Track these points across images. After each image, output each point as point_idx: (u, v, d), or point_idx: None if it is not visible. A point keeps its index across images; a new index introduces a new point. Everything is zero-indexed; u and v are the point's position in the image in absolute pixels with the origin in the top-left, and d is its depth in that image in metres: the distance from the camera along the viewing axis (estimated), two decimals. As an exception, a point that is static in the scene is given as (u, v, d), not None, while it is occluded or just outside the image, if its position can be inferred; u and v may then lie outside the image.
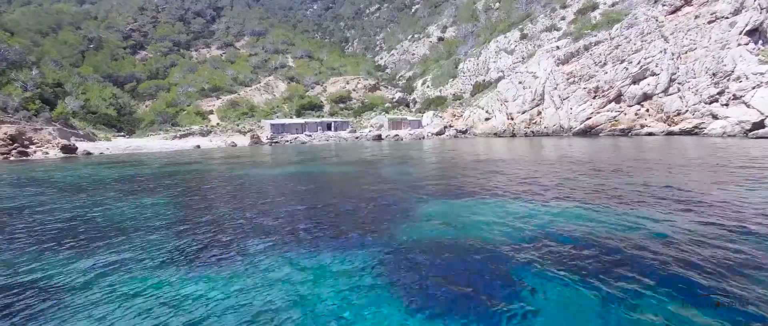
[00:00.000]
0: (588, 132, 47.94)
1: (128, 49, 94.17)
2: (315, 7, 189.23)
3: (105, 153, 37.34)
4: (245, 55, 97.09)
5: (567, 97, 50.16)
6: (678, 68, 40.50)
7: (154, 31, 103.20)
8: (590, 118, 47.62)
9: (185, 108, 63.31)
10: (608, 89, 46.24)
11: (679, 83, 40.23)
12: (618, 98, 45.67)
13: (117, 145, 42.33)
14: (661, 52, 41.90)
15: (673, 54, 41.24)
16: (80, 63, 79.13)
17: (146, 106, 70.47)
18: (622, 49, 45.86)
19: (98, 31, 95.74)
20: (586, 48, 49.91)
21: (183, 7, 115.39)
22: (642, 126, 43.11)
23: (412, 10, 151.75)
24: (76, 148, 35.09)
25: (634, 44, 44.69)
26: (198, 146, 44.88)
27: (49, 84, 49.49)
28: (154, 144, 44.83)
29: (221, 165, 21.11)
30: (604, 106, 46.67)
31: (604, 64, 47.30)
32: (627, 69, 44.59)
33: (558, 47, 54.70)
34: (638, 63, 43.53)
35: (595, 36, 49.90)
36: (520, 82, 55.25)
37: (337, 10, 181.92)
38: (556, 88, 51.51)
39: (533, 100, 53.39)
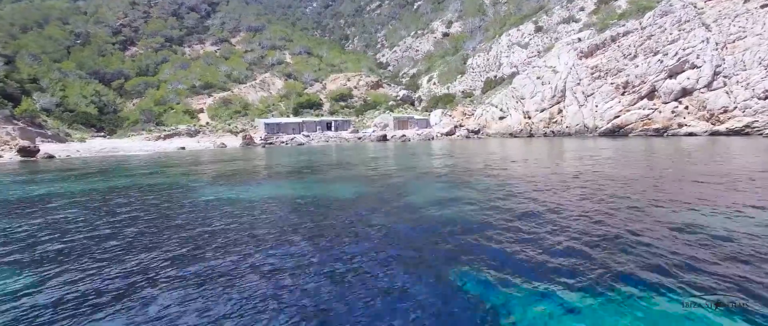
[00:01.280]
0: (616, 132, 43.22)
1: (117, 44, 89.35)
2: (314, 5, 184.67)
3: (73, 156, 32.61)
4: (241, 51, 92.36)
5: (592, 94, 45.46)
6: (724, 59, 35.79)
7: (145, 27, 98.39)
8: (619, 116, 42.92)
9: (173, 106, 58.58)
10: (640, 84, 41.54)
11: (725, 76, 35.53)
12: (651, 94, 40.96)
13: (90, 146, 37.59)
14: (702, 41, 37.19)
15: (717, 44, 36.55)
16: (65, 59, 74.41)
17: (134, 105, 65.70)
18: (655, 40, 41.15)
19: (86, 26, 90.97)
20: (613, 39, 45.22)
21: (176, 1, 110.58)
22: (680, 125, 38.40)
23: (415, 7, 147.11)
24: (37, 150, 30.34)
25: (670, 34, 39.99)
26: (182, 147, 40.18)
27: (19, 79, 44.69)
28: (133, 145, 40.11)
29: (193, 176, 16.36)
30: (635, 103, 41.96)
31: (635, 56, 42.61)
32: (662, 61, 39.88)
33: (580, 39, 50.02)
34: (675, 54, 38.83)
35: (623, 26, 45.24)
36: (538, 78, 50.54)
37: (337, 8, 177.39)
38: (578, 84, 46.82)
39: (553, 96, 48.68)
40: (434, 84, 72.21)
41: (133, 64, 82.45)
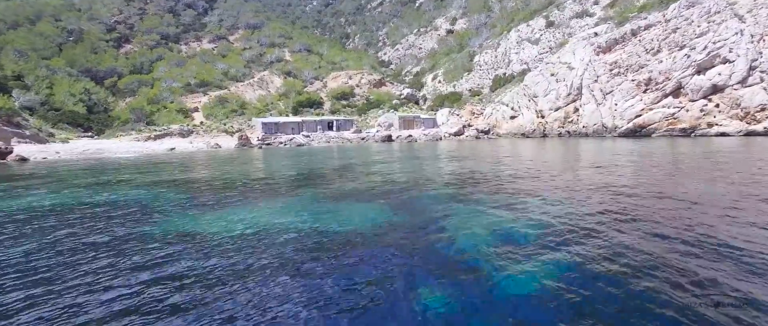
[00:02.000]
0: (637, 132, 40.40)
1: (111, 41, 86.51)
2: (314, 3, 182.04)
3: (51, 158, 29.79)
4: (238, 49, 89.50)
5: (611, 91, 42.62)
6: (761, 53, 32.95)
7: (140, 24, 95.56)
8: (640, 115, 40.08)
9: (167, 105, 55.75)
10: (664, 81, 38.69)
11: (762, 71, 32.67)
12: (677, 91, 38.11)
13: (73, 147, 34.76)
14: (736, 34, 34.34)
15: (752, 36, 33.70)
16: (57, 56, 71.63)
17: (126, 104, 62.85)
18: (681, 33, 38.30)
19: (79, 22, 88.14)
20: (634, 33, 42.38)
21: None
22: (710, 125, 35.54)
23: (417, 4, 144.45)
24: (9, 152, 27.52)
25: (698, 26, 37.14)
26: (172, 149, 37.35)
27: (1, 75, 41.87)
28: (120, 146, 37.29)
29: (166, 189, 13.45)
30: (659, 101, 39.12)
31: (658, 51, 39.77)
32: (689, 56, 37.04)
33: (596, 34, 47.17)
34: (704, 48, 35.98)
35: (645, 18, 42.40)
36: (551, 75, 47.69)
37: (337, 6, 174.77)
38: (596, 81, 43.99)
39: (569, 94, 45.84)
40: (439, 82, 69.37)
41: (127, 62, 79.63)
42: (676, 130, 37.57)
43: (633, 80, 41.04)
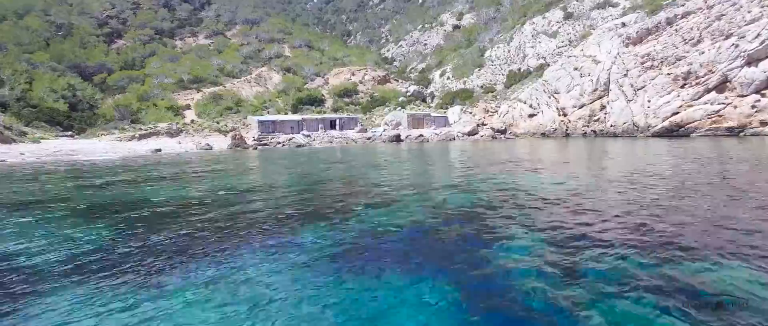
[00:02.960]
0: (673, 131, 36.37)
1: (102, 37, 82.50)
2: (315, 0, 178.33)
3: (11, 161, 25.80)
4: (236, 44, 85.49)
5: (643, 87, 38.58)
6: (826, 41, 28.89)
7: (134, 18, 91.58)
8: (678, 112, 36.03)
9: (157, 102, 51.76)
10: (706, 74, 34.62)
11: (827, 62, 28.62)
12: (721, 86, 34.04)
13: (42, 149, 30.80)
14: (794, 20, 30.29)
15: (814, 22, 29.65)
16: (43, 50, 67.71)
17: (114, 101, 58.83)
18: (727, 20, 34.24)
19: (69, 16, 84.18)
20: (669, 22, 38.32)
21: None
22: (763, 123, 31.48)
23: (420, 0, 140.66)
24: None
25: (748, 12, 33.09)
26: (158, 150, 33.34)
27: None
28: (98, 147, 33.32)
29: (109, 219, 9.36)
30: (700, 97, 35.05)
31: (699, 41, 35.69)
32: (737, 46, 32.97)
33: (624, 24, 43.12)
34: (756, 37, 31.91)
35: (683, 5, 38.32)
36: (575, 69, 43.67)
37: (339, 4, 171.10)
38: (625, 75, 39.95)
39: (594, 90, 41.84)
40: (448, 78, 65.35)
41: (118, 58, 75.70)
42: (722, 129, 33.53)
43: (669, 74, 36.98)
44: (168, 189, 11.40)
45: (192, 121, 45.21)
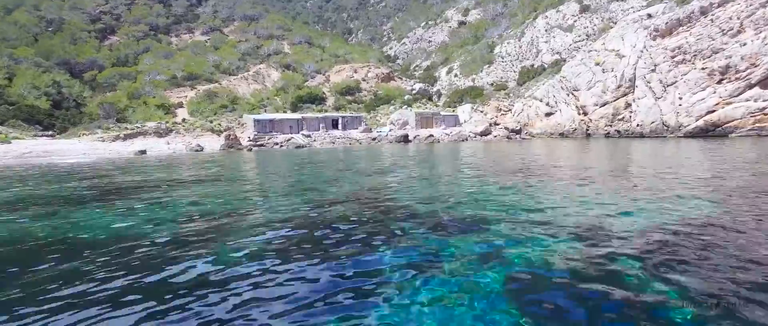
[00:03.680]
0: (709, 131, 33.18)
1: (94, 33, 79.32)
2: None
3: (-30, 163, 22.63)
4: (233, 40, 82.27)
5: (673, 83, 35.39)
6: None
7: (128, 14, 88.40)
8: (714, 110, 32.88)
9: (147, 100, 48.57)
10: (748, 68, 31.43)
11: None
12: (765, 81, 30.84)
13: (12, 150, 27.74)
14: None
15: None
16: (32, 46, 64.64)
17: (104, 98, 55.65)
18: (772, 9, 31.06)
19: (60, 12, 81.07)
20: (704, 12, 35.11)
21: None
22: (815, 122, 28.32)
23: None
24: None
25: (797, -1, 29.92)
26: (142, 152, 30.13)
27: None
28: (75, 148, 30.14)
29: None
30: (741, 93, 31.86)
31: (739, 31, 32.51)
32: (784, 37, 29.79)
33: (650, 15, 39.89)
34: (807, 26, 28.74)
35: (719, -7, 35.08)
36: (597, 64, 40.47)
37: (339, 2, 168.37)
38: (653, 70, 36.77)
39: (618, 87, 38.64)
40: (455, 76, 62.16)
41: (110, 54, 72.52)
42: (767, 130, 30.38)
43: (703, 68, 33.78)
44: (88, 217, 7.96)
45: (183, 120, 41.95)
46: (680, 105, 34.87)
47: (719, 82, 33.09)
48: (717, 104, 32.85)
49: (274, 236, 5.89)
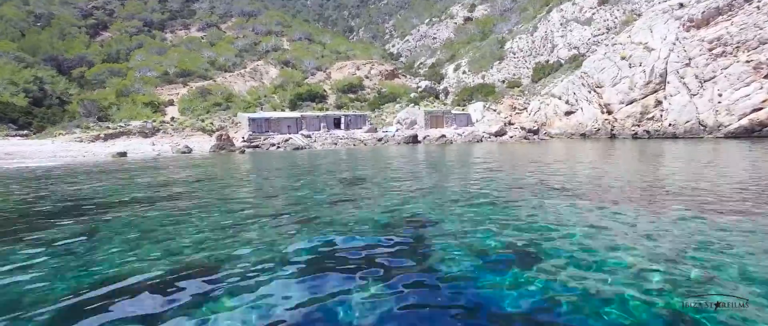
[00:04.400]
0: (754, 131, 29.82)
1: (86, 28, 75.96)
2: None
3: None
4: (230, 37, 78.92)
5: (711, 78, 32.00)
6: None
7: (121, 9, 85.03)
8: (761, 108, 29.50)
9: (135, 97, 45.23)
10: (800, 61, 28.09)
11: None
12: (821, 75, 27.51)
13: (-30, 151, 24.25)
14: None
15: None
16: (18, 41, 61.43)
17: (91, 95, 52.29)
18: (828, -6, 27.72)
19: (49, 6, 77.74)
20: (746, -1, 31.75)
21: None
22: None
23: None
24: None
25: None
26: (122, 154, 26.74)
27: None
28: (46, 150, 26.79)
29: None
30: (791, 90, 28.50)
31: (789, 20, 29.16)
32: (843, 25, 26.43)
33: (682, 4, 36.49)
34: None
35: (764, -21, 31.72)
36: (622, 59, 37.09)
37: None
38: (688, 65, 33.38)
39: (648, 83, 35.25)
40: (464, 73, 58.81)
41: (101, 51, 69.19)
42: (823, 129, 27.06)
43: (748, 61, 30.43)
44: None
45: (172, 119, 38.60)
46: (720, 102, 31.50)
47: (766, 76, 29.75)
48: (764, 101, 29.49)
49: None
